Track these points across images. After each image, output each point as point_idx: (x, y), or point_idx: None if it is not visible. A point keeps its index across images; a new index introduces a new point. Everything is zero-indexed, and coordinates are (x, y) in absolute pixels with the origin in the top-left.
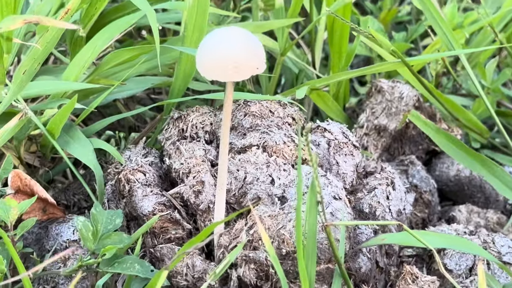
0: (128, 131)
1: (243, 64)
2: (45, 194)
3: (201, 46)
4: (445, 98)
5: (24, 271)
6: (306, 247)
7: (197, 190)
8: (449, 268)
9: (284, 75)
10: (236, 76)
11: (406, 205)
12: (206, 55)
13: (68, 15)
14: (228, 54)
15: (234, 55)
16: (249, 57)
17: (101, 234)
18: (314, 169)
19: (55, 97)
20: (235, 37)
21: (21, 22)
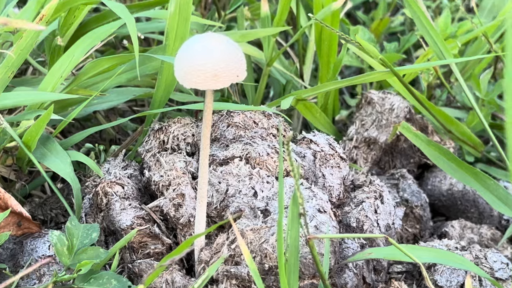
0: (109, 143)
1: (222, 72)
2: (20, 208)
3: (179, 53)
4: (438, 110)
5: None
6: (288, 262)
7: (177, 203)
8: (440, 285)
9: (272, 86)
10: (216, 84)
11: (396, 220)
12: (184, 62)
13: (43, 21)
14: (207, 61)
15: (213, 62)
16: (229, 64)
17: (76, 248)
18: (296, 181)
19: (31, 108)
20: (214, 44)
21: None
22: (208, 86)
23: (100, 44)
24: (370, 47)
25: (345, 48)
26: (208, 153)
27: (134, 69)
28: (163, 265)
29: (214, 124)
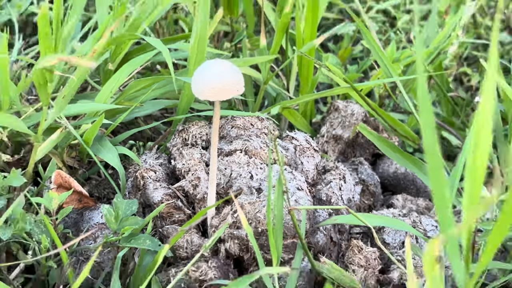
0: (147, 141)
1: (226, 87)
2: (80, 188)
3: (195, 74)
4: (386, 114)
5: (61, 246)
6: (275, 227)
7: (195, 184)
8: (387, 242)
9: (267, 98)
10: (222, 96)
11: (355, 195)
12: (199, 81)
13: (95, 55)
14: (215, 80)
15: (219, 81)
16: (231, 82)
17: (121, 218)
18: (281, 167)
19: (89, 115)
20: (220, 67)
21: (56, 60)
22: (216, 98)
23: (140, 68)
24: (336, 70)
25: (320, 71)
26: (217, 147)
27: (165, 86)
28: (184, 229)
29: (222, 126)
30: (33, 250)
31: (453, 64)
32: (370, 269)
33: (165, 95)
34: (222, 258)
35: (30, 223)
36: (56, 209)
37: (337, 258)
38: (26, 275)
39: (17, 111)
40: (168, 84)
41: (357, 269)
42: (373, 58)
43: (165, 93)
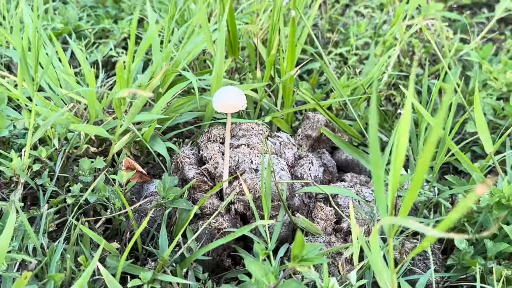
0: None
1: (235, 104)
2: (141, 169)
3: (215, 95)
4: (340, 121)
5: (128, 206)
6: (266, 194)
7: (215, 166)
8: (340, 204)
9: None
10: (232, 110)
11: (319, 173)
12: (218, 100)
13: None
14: (228, 99)
15: (230, 100)
16: (238, 100)
17: (167, 188)
18: (269, 156)
19: (147, 122)
20: (231, 91)
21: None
22: (228, 111)
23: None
24: (306, 93)
25: (296, 93)
26: (229, 142)
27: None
28: (207, 196)
29: (232, 129)
30: (110, 209)
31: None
32: (328, 221)
33: (197, 109)
34: (233, 214)
35: (108, 192)
36: (125, 182)
37: (307, 214)
38: (107, 225)
39: (101, 119)
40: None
41: (320, 221)
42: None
43: (196, 107)
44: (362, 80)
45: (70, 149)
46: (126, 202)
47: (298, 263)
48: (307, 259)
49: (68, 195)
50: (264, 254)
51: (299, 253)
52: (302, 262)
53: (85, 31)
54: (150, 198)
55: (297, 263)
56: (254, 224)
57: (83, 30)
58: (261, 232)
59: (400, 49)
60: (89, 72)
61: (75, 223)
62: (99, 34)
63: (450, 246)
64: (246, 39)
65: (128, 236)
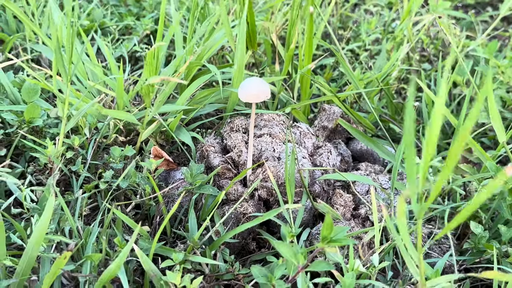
0: (207, 129)
1: (260, 94)
2: (168, 157)
3: (242, 85)
4: (355, 112)
5: (158, 192)
6: (289, 180)
7: (239, 154)
8: (357, 190)
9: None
10: (257, 99)
11: (337, 162)
12: (244, 90)
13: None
14: (253, 89)
15: (256, 90)
16: (263, 90)
17: (194, 175)
18: (294, 144)
19: (173, 113)
20: (256, 82)
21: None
22: (254, 101)
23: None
24: (325, 85)
25: (314, 86)
26: (253, 132)
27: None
28: (232, 182)
29: (255, 119)
30: (140, 194)
31: (395, 83)
32: (347, 207)
33: (219, 101)
34: (256, 200)
35: (139, 178)
36: (153, 169)
37: (327, 200)
38: (137, 210)
39: (128, 110)
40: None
41: (339, 207)
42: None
43: (218, 99)
44: (375, 74)
45: (100, 138)
46: (156, 187)
47: (327, 244)
48: (336, 240)
49: (101, 181)
50: (292, 237)
51: (328, 234)
52: (331, 243)
53: (110, 27)
54: (177, 184)
55: (326, 243)
56: (280, 208)
57: (107, 27)
58: (286, 216)
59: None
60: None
61: (108, 207)
62: (123, 30)
63: (462, 232)
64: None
65: (158, 220)
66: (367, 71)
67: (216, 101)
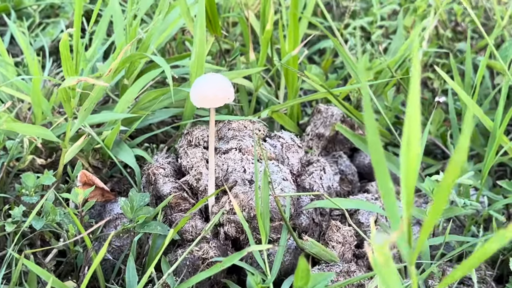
0: (160, 143)
1: (219, 96)
2: (102, 184)
3: (193, 86)
4: (360, 114)
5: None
6: (263, 211)
7: (197, 178)
8: (361, 221)
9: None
10: (215, 104)
11: (334, 183)
12: (196, 92)
13: (110, 74)
14: (210, 90)
15: (213, 91)
16: (223, 91)
17: (135, 208)
18: (265, 162)
19: (110, 124)
20: (214, 80)
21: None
22: (211, 105)
23: (152, 82)
24: (313, 77)
25: (300, 79)
26: (214, 146)
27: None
28: (188, 215)
29: (220, 129)
30: (63, 238)
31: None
32: (347, 245)
33: (174, 105)
34: (222, 239)
35: (60, 215)
36: (82, 202)
37: (319, 236)
38: (59, 258)
39: (50, 121)
40: (176, 95)
41: (336, 245)
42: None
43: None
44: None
45: (9, 161)
46: (81, 227)
47: None
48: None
49: (7, 221)
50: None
51: (303, 285)
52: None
53: (28, 8)
54: (114, 222)
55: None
56: (245, 250)
57: (25, 8)
58: (258, 261)
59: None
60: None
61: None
62: (47, 11)
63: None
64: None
65: (86, 272)
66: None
67: (171, 105)
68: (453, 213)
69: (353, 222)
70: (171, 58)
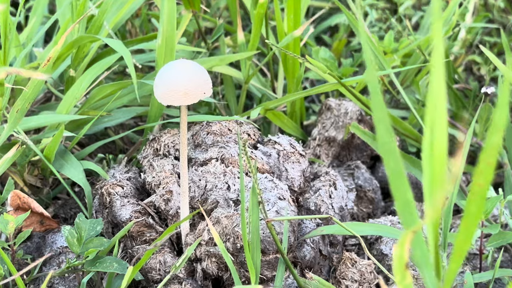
0: (119, 153)
1: (192, 90)
2: (41, 209)
3: (156, 78)
4: None
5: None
6: (251, 241)
7: (167, 198)
8: (385, 253)
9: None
10: (186, 100)
11: (348, 202)
12: (161, 85)
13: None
14: (178, 83)
15: (183, 84)
16: (196, 84)
17: (84, 239)
18: (254, 176)
19: (51, 128)
20: (184, 69)
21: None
22: (180, 103)
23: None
24: (318, 64)
25: (303, 66)
26: (186, 155)
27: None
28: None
29: (196, 133)
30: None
31: (462, 52)
32: (365, 284)
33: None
34: (199, 279)
35: None
36: (14, 233)
37: (329, 273)
38: None
39: None
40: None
41: (351, 285)
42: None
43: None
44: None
45: None
46: (13, 267)
47: None
48: None
49: None
50: None
51: None
52: None
53: None
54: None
55: None
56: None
57: None
58: None
59: None
60: None
61: None
62: None
63: None
64: None
65: None
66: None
67: (132, 102)
68: (506, 239)
69: (374, 254)
70: (133, 41)
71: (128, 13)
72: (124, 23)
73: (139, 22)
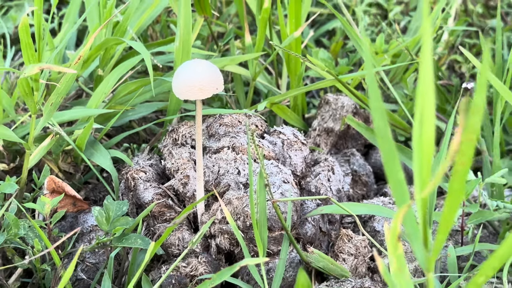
0: (142, 143)
1: (206, 86)
2: (73, 192)
3: (175, 75)
4: None
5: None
6: (259, 219)
7: (184, 182)
8: (377, 229)
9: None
10: (201, 95)
11: (344, 185)
12: (179, 81)
13: (80, 61)
14: (194, 80)
15: (199, 80)
16: (210, 80)
17: (112, 219)
18: (261, 161)
19: (82, 121)
20: (199, 67)
21: (37, 69)
22: (196, 97)
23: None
24: (317, 63)
25: (303, 65)
26: (201, 144)
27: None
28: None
29: (210, 124)
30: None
31: (445, 53)
32: (360, 257)
33: (158, 98)
34: (214, 253)
35: (24, 229)
36: (49, 213)
37: (328, 248)
38: (25, 279)
39: (12, 120)
40: (159, 86)
41: (347, 258)
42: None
43: (157, 95)
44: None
45: None
46: (49, 243)
47: None
48: None
49: None
50: None
51: None
52: None
53: None
54: (88, 235)
55: None
56: (238, 264)
57: None
58: (255, 277)
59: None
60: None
61: None
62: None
63: None
64: None
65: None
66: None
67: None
68: (484, 217)
69: (368, 230)
70: (154, 44)
71: (149, 19)
72: (146, 28)
73: (159, 27)
